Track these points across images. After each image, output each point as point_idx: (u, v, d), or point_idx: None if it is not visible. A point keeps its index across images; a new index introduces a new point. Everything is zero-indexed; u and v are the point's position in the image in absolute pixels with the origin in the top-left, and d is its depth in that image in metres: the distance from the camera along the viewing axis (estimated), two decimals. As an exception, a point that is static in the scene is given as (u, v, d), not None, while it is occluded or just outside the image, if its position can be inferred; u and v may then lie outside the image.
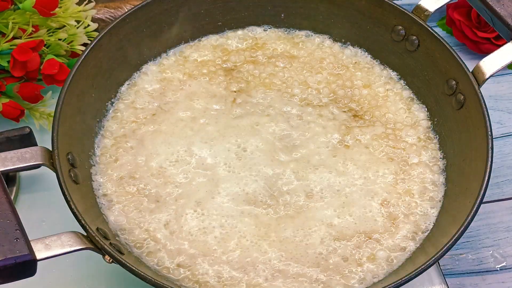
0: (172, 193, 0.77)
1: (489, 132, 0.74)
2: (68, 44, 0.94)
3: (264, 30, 0.92)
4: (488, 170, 0.72)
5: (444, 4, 0.84)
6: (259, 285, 0.71)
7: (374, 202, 0.77)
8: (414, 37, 0.85)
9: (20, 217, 0.64)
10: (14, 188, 0.88)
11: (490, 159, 0.72)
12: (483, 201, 0.70)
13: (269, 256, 0.73)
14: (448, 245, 0.67)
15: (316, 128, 0.82)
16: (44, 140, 0.83)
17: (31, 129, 0.85)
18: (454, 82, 0.80)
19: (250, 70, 0.88)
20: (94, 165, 0.79)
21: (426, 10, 0.83)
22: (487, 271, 0.86)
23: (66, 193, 0.69)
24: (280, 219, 0.76)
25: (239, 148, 0.81)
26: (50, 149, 0.72)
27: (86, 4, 0.95)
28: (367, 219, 0.76)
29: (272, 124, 0.83)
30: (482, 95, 0.77)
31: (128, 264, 0.66)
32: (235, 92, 0.86)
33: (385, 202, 0.77)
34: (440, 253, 0.67)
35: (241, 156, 0.80)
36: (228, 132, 0.82)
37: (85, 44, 0.95)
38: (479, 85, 0.77)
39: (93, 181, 0.78)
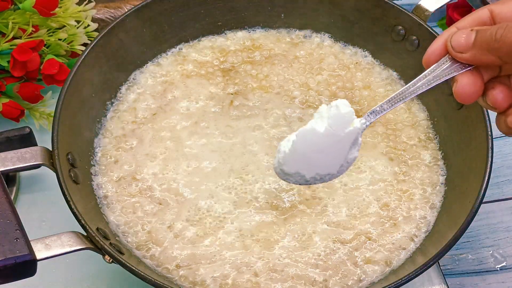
0: (173, 194, 0.77)
1: (489, 132, 0.74)
2: (68, 44, 0.94)
3: (264, 31, 0.92)
4: (488, 170, 0.72)
5: (444, 4, 0.84)
6: (257, 285, 0.71)
7: (374, 202, 0.77)
8: (414, 37, 0.84)
9: (20, 217, 0.64)
10: (14, 188, 0.88)
11: (490, 159, 0.72)
12: (483, 201, 0.70)
13: (268, 257, 0.73)
14: (448, 245, 0.67)
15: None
16: (44, 140, 0.82)
17: (31, 129, 0.85)
18: (454, 82, 0.80)
19: (248, 71, 0.88)
20: (94, 165, 0.79)
21: (426, 10, 0.83)
22: (487, 271, 0.86)
23: (66, 193, 0.69)
24: (280, 220, 0.76)
25: (239, 150, 0.81)
26: (50, 149, 0.72)
27: (86, 4, 0.95)
28: (367, 220, 0.76)
29: (272, 125, 0.83)
30: (482, 95, 0.77)
31: (128, 264, 0.66)
32: (232, 94, 0.86)
33: (385, 202, 0.77)
34: (440, 253, 0.67)
35: (242, 158, 0.80)
36: (227, 134, 0.82)
37: (85, 44, 0.94)
38: (479, 85, 0.77)
39: (93, 181, 0.78)
